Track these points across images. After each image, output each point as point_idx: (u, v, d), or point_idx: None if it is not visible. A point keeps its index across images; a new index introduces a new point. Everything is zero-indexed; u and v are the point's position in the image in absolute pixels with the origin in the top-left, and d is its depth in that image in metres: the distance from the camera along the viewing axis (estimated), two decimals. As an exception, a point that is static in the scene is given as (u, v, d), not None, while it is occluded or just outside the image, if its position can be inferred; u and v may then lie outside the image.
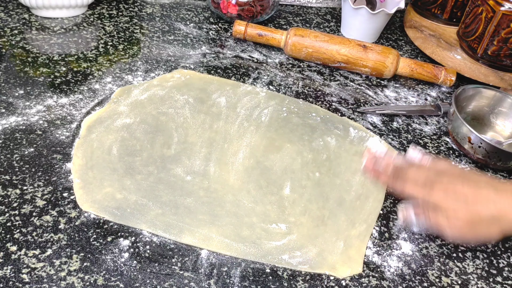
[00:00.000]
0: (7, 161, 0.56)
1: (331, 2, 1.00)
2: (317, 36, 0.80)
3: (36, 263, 0.47)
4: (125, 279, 0.47)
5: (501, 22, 0.74)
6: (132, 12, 0.86)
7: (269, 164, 0.61)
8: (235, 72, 0.77)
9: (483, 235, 0.49)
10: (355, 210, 0.58)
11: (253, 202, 0.56)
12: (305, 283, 0.50)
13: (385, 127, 0.72)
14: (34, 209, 0.51)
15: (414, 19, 0.92)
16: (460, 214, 0.48)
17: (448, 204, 0.48)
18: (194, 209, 0.54)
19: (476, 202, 0.48)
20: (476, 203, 0.47)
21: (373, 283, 0.51)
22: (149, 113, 0.65)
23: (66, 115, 0.63)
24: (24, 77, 0.68)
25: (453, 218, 0.48)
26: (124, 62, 0.74)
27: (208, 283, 0.48)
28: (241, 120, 0.67)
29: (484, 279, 0.54)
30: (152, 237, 0.51)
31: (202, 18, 0.88)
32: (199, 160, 0.60)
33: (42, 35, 0.76)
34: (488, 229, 0.48)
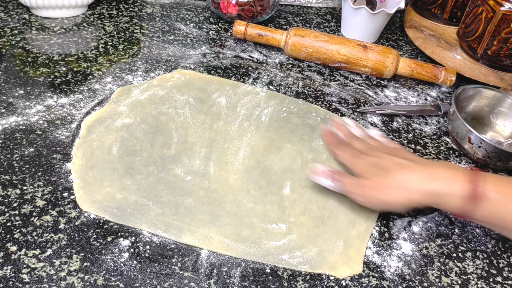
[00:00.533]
0: (7, 161, 0.56)
1: (331, 2, 1.00)
2: (317, 36, 0.80)
3: (36, 263, 0.47)
4: (125, 279, 0.47)
5: (501, 22, 0.74)
6: (132, 12, 0.86)
7: (269, 164, 0.61)
8: (235, 72, 0.77)
9: (391, 199, 0.52)
10: (355, 210, 0.58)
11: (253, 202, 0.56)
12: (305, 283, 0.50)
13: (385, 127, 0.72)
14: (34, 209, 0.51)
15: (414, 19, 0.92)
16: (373, 181, 0.53)
17: (365, 173, 0.54)
18: (194, 209, 0.54)
19: (394, 171, 0.53)
20: (393, 171, 0.53)
21: (373, 283, 0.51)
22: (149, 113, 0.65)
23: (66, 115, 0.63)
24: (24, 77, 0.68)
25: (365, 185, 0.53)
26: (124, 62, 0.74)
27: (208, 283, 0.48)
28: (241, 120, 0.67)
29: (484, 279, 0.54)
30: (152, 237, 0.51)
31: (202, 18, 0.88)
32: (199, 160, 0.60)
33: (42, 35, 0.76)
34: (395, 194, 0.51)
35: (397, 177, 0.52)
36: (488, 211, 0.49)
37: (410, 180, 0.51)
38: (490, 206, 0.49)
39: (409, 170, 0.52)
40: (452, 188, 0.50)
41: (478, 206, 0.49)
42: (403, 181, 0.51)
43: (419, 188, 0.51)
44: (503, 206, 0.48)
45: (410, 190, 0.51)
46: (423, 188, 0.50)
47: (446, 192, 0.50)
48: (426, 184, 0.51)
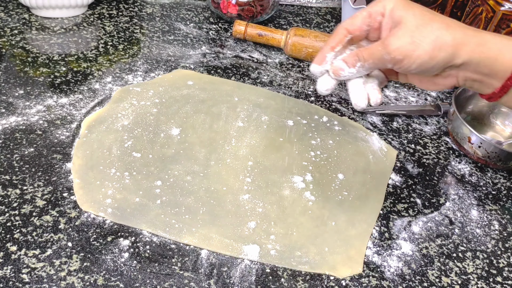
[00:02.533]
0: (7, 161, 0.56)
1: (331, 2, 1.00)
2: (317, 36, 0.80)
3: (36, 263, 0.47)
4: (125, 279, 0.47)
5: (501, 22, 0.74)
6: (132, 12, 0.86)
7: (269, 164, 0.61)
8: (235, 72, 0.77)
9: (426, 46, 0.43)
10: (355, 210, 0.58)
11: (253, 202, 0.56)
12: (305, 283, 0.50)
13: (385, 127, 0.72)
14: (34, 209, 0.51)
15: (414, 19, 0.91)
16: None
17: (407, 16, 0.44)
18: (194, 209, 0.54)
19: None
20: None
21: (373, 283, 0.51)
22: (149, 113, 0.65)
23: (66, 115, 0.63)
24: (24, 77, 0.68)
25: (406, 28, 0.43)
26: (124, 62, 0.74)
27: (208, 283, 0.48)
28: (241, 120, 0.67)
29: (484, 279, 0.54)
30: (152, 237, 0.51)
31: (202, 18, 0.88)
32: (199, 160, 0.60)
33: (42, 35, 0.76)
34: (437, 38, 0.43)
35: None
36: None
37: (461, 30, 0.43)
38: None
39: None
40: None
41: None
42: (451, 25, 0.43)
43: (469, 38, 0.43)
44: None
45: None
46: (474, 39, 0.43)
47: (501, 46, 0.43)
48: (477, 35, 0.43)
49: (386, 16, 0.45)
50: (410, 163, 0.67)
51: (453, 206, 0.62)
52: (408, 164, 0.66)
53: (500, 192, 0.65)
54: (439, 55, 0.43)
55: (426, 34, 0.42)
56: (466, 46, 0.43)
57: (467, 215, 0.61)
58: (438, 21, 0.43)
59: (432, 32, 0.43)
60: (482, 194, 0.64)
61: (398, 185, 0.63)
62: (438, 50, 0.43)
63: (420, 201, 0.61)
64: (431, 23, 0.43)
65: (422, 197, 0.62)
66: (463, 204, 0.62)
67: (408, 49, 0.43)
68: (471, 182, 0.66)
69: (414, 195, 0.62)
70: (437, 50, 0.43)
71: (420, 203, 0.61)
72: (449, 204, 0.62)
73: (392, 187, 0.62)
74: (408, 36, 0.43)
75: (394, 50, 0.43)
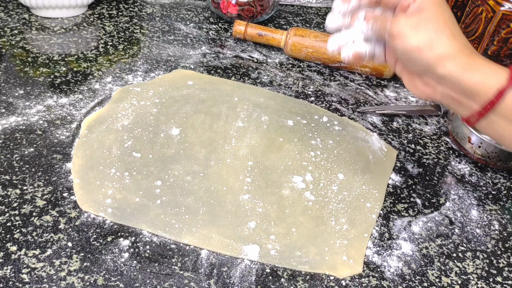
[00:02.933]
0: (7, 161, 0.56)
1: (331, 2, 1.00)
2: (317, 36, 0.80)
3: (36, 263, 0.47)
4: (125, 279, 0.47)
5: (501, 22, 0.74)
6: (132, 12, 0.86)
7: (269, 164, 0.61)
8: (235, 72, 0.77)
9: (426, 38, 0.44)
10: (355, 210, 0.58)
11: (253, 202, 0.56)
12: (305, 283, 0.50)
13: (385, 127, 0.72)
14: (34, 209, 0.51)
15: (414, 19, 0.91)
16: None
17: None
18: (194, 209, 0.54)
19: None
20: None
21: (373, 283, 0.51)
22: (149, 113, 0.65)
23: (66, 115, 0.63)
24: (24, 77, 0.68)
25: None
26: (124, 62, 0.74)
27: (208, 283, 0.48)
28: (241, 120, 0.67)
29: (484, 279, 0.54)
30: (152, 237, 0.51)
31: (202, 18, 0.88)
32: (199, 160, 0.60)
33: (42, 35, 0.76)
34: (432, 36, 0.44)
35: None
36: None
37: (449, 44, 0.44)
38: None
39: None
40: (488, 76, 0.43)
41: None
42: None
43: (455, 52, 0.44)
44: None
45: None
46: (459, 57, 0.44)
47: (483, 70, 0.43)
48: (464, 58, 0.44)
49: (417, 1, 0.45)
50: (410, 163, 0.67)
51: (453, 206, 0.62)
52: (408, 164, 0.66)
53: (500, 192, 0.65)
54: (426, 52, 0.44)
55: (430, 28, 0.44)
56: (453, 61, 0.43)
57: (467, 215, 0.61)
58: (448, 26, 0.44)
59: (435, 30, 0.44)
60: (482, 194, 0.64)
61: (398, 185, 0.63)
62: (428, 46, 0.44)
63: (420, 201, 0.61)
64: (442, 24, 0.44)
65: (422, 197, 0.62)
66: (463, 204, 0.62)
67: (408, 30, 0.44)
68: (471, 182, 0.66)
69: (414, 195, 0.62)
70: (427, 45, 0.44)
71: (420, 203, 0.61)
72: (449, 204, 0.62)
73: (392, 187, 0.62)
74: (415, 21, 0.44)
75: (398, 25, 0.45)
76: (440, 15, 0.45)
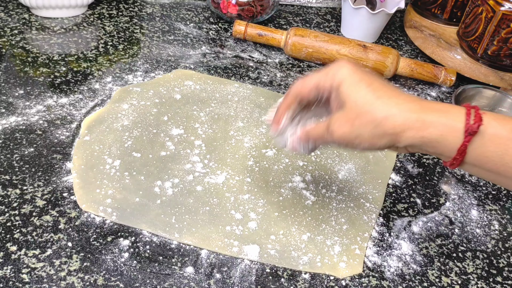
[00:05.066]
0: (7, 161, 0.56)
1: (331, 2, 1.00)
2: (317, 36, 0.80)
3: (36, 263, 0.47)
4: (125, 279, 0.47)
5: (501, 22, 0.74)
6: (132, 12, 0.86)
7: (269, 164, 0.61)
8: (235, 72, 0.77)
9: (366, 135, 0.42)
10: (355, 210, 0.58)
11: (253, 202, 0.56)
12: (305, 283, 0.50)
13: (385, 127, 0.72)
14: (34, 209, 0.51)
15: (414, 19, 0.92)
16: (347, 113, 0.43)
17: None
18: (194, 209, 0.54)
19: (371, 104, 0.42)
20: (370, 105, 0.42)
21: (373, 283, 0.51)
22: (149, 112, 0.65)
23: (66, 115, 0.63)
24: (24, 77, 0.68)
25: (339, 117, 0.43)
26: (124, 62, 0.74)
27: (208, 283, 0.48)
28: (241, 120, 0.67)
29: (484, 279, 0.54)
30: (152, 237, 0.51)
31: (202, 18, 0.88)
32: (199, 160, 0.60)
33: (42, 35, 0.76)
34: (373, 129, 0.42)
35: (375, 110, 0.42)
36: (486, 147, 0.40)
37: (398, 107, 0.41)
38: (489, 142, 0.40)
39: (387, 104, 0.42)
40: (450, 120, 0.40)
41: (477, 140, 0.40)
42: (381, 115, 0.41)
43: (408, 117, 0.41)
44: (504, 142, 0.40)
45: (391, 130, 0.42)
46: (414, 117, 0.41)
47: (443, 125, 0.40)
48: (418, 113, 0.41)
49: (333, 92, 0.44)
50: (410, 163, 0.67)
51: (453, 206, 0.62)
52: (408, 164, 0.66)
53: (500, 192, 0.65)
54: (380, 142, 0.42)
55: (366, 123, 0.41)
56: (407, 132, 0.41)
57: (467, 215, 0.61)
58: (379, 102, 0.41)
59: (372, 121, 0.41)
60: (482, 194, 0.64)
61: (398, 185, 0.63)
62: (378, 138, 0.42)
63: (420, 201, 0.61)
64: (373, 108, 0.41)
65: (422, 197, 0.62)
66: (463, 204, 0.62)
67: (349, 138, 0.43)
68: (471, 182, 0.66)
69: (414, 195, 0.62)
70: (376, 138, 0.42)
71: (420, 203, 0.61)
72: (449, 204, 0.62)
73: (392, 187, 0.62)
74: (349, 125, 0.42)
75: (338, 138, 0.43)
76: (364, 96, 0.42)
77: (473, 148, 0.40)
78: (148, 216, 0.53)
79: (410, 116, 0.40)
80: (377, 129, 0.41)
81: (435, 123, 0.40)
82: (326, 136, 0.45)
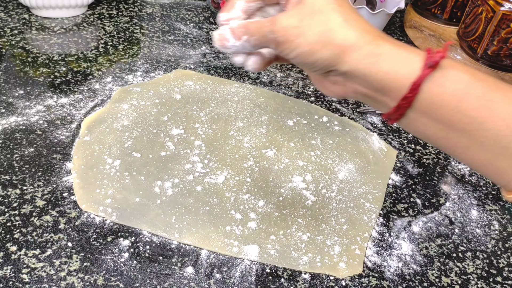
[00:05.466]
0: (7, 161, 0.56)
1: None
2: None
3: (36, 263, 0.47)
4: (125, 279, 0.47)
5: (501, 22, 0.74)
6: (132, 12, 0.86)
7: (269, 164, 0.61)
8: (235, 72, 0.77)
9: (310, 36, 0.36)
10: (355, 210, 0.58)
11: (253, 202, 0.56)
12: (305, 283, 0.50)
13: (385, 127, 0.72)
14: (34, 209, 0.51)
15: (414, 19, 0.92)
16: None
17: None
18: (194, 209, 0.54)
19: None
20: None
21: (373, 283, 0.51)
22: (149, 113, 0.65)
23: (66, 115, 0.63)
24: (24, 77, 0.68)
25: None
26: (124, 62, 0.74)
27: (208, 283, 0.48)
28: (241, 120, 0.67)
29: (484, 279, 0.54)
30: (152, 237, 0.51)
31: (202, 18, 0.88)
32: (199, 160, 0.60)
33: (42, 35, 0.76)
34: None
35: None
36: (445, 88, 0.34)
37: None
38: (450, 81, 0.34)
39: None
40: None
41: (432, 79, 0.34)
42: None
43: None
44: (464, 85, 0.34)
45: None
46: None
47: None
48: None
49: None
50: (410, 163, 0.67)
51: (453, 206, 0.62)
52: (408, 164, 0.66)
53: (500, 192, 0.65)
54: (321, 52, 0.36)
55: (317, 22, 0.36)
56: (355, 52, 0.35)
57: (467, 215, 0.61)
58: (339, 11, 0.36)
59: (324, 23, 0.36)
60: (482, 194, 0.64)
61: (398, 185, 0.63)
62: (321, 45, 0.36)
63: (420, 201, 0.61)
64: (330, 12, 0.36)
65: (422, 197, 0.62)
66: (463, 204, 0.62)
67: (291, 33, 0.36)
68: (471, 182, 0.66)
69: (414, 195, 0.62)
70: (320, 44, 0.36)
71: (420, 203, 0.61)
72: (449, 204, 0.62)
73: (392, 187, 0.62)
74: (297, 19, 0.36)
75: (279, 29, 0.37)
76: (325, 1, 0.36)
77: (429, 87, 0.34)
78: (148, 216, 0.53)
79: (365, 36, 0.35)
80: (325, 35, 0.36)
81: (391, 51, 0.35)
82: (266, 27, 0.38)
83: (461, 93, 0.34)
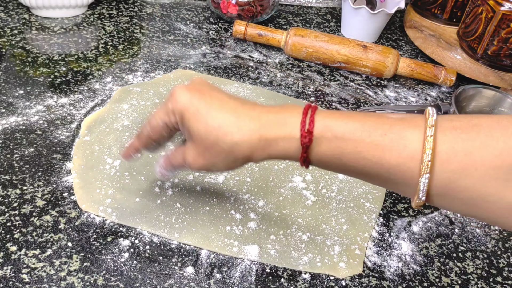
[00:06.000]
0: (7, 161, 0.56)
1: (331, 2, 1.00)
2: (317, 36, 0.80)
3: (36, 263, 0.47)
4: (125, 279, 0.47)
5: (501, 22, 0.74)
6: (132, 12, 0.86)
7: (269, 164, 0.61)
8: (235, 72, 0.77)
9: (220, 164, 0.43)
10: (355, 210, 0.58)
11: (253, 202, 0.56)
12: (305, 283, 0.50)
13: (385, 127, 0.72)
14: (34, 209, 0.51)
15: (414, 19, 0.92)
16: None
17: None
18: (194, 209, 0.54)
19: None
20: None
21: (373, 283, 0.51)
22: (149, 113, 0.65)
23: (66, 115, 0.63)
24: (24, 77, 0.68)
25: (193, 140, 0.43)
26: (124, 62, 0.74)
27: (208, 283, 0.48)
28: (241, 120, 0.67)
29: (484, 279, 0.54)
30: (152, 237, 0.51)
31: (202, 18, 0.88)
32: (199, 160, 0.60)
33: (42, 35, 0.76)
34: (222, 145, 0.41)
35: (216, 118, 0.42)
36: (324, 152, 0.40)
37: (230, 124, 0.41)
38: (325, 148, 0.40)
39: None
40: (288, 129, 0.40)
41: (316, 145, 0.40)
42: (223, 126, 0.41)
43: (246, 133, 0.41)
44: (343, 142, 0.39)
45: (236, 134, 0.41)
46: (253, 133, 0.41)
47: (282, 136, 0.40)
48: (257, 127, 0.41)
49: (180, 127, 0.44)
50: (410, 163, 0.67)
51: (453, 206, 0.62)
52: (408, 164, 0.66)
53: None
54: (236, 165, 0.43)
55: (216, 154, 0.42)
56: (255, 154, 0.41)
57: (467, 215, 0.61)
58: (224, 133, 0.41)
59: (220, 152, 0.42)
60: (482, 194, 0.64)
61: (398, 185, 0.63)
62: (232, 163, 0.43)
63: (420, 201, 0.61)
64: (217, 140, 0.41)
65: (422, 197, 0.62)
66: (463, 204, 0.62)
67: (208, 167, 0.44)
68: (471, 182, 0.65)
69: (414, 195, 0.62)
70: (231, 164, 0.43)
71: (420, 203, 0.61)
72: (449, 204, 0.62)
73: (392, 187, 0.62)
74: (202, 158, 0.43)
75: (197, 169, 0.44)
76: (204, 128, 0.41)
77: (313, 155, 0.40)
78: (148, 216, 0.53)
79: (252, 139, 0.41)
80: (229, 157, 0.42)
81: (276, 140, 0.40)
82: (186, 166, 0.45)
83: (338, 153, 0.39)
